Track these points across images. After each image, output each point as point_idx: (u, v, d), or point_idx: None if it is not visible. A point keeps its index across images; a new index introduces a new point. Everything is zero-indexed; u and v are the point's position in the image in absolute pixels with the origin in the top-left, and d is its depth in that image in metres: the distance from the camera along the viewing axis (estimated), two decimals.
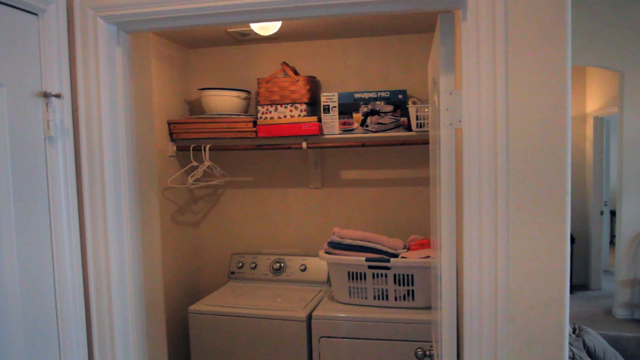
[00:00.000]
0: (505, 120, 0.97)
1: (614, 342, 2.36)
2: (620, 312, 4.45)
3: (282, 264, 2.71)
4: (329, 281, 2.61)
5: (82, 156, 1.09)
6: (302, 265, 2.68)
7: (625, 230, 4.45)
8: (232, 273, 2.77)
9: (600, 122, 5.26)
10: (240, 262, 2.77)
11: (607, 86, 4.86)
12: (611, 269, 5.91)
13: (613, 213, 6.90)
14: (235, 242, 2.92)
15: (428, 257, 2.20)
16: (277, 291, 2.60)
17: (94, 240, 1.11)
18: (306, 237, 2.83)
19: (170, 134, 2.66)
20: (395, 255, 2.26)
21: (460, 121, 1.05)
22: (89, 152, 1.08)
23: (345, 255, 2.30)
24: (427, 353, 1.73)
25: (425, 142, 2.45)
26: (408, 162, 2.68)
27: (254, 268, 2.74)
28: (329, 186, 2.79)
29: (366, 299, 2.30)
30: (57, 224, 1.06)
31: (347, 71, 2.71)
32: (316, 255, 2.68)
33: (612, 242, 7.06)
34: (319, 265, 2.67)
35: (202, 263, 2.96)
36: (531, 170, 0.95)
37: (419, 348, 1.73)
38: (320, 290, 2.59)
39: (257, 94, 2.63)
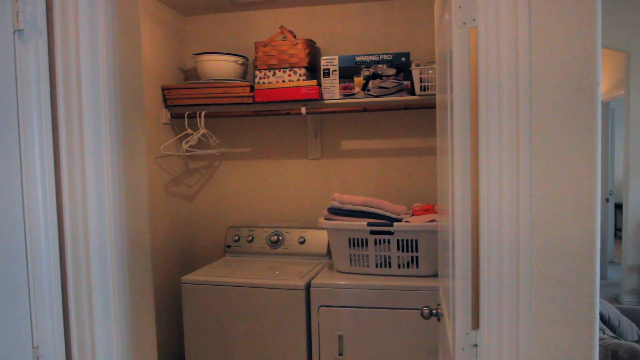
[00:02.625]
0: (528, 12, 0.87)
1: (626, 314, 2.25)
2: (627, 299, 4.34)
3: (280, 237, 2.60)
4: (328, 254, 2.50)
5: (56, 61, 0.97)
6: (301, 237, 2.58)
7: (632, 215, 4.35)
8: (228, 247, 2.66)
9: (606, 108, 5.17)
10: (236, 235, 2.66)
11: (613, 68, 4.77)
12: (616, 260, 5.80)
13: (618, 206, 6.79)
14: (232, 215, 2.81)
15: (433, 220, 2.10)
16: (275, 264, 2.48)
17: (69, 160, 1.00)
18: (305, 210, 2.72)
19: (164, 101, 2.56)
20: (399, 220, 2.15)
21: (474, 19, 0.95)
22: (64, 58, 0.97)
23: (345, 221, 2.20)
24: (434, 312, 1.62)
25: (429, 106, 2.36)
26: (411, 131, 2.58)
27: (251, 241, 2.63)
28: (329, 157, 2.69)
29: (368, 267, 2.19)
30: (27, 133, 0.95)
31: (347, 37, 2.61)
32: (315, 228, 2.58)
33: (616, 235, 6.94)
34: (318, 237, 2.56)
35: (196, 237, 2.85)
36: (556, 66, 0.84)
37: (424, 307, 1.62)
38: (319, 263, 2.48)
39: (255, 58, 2.53)
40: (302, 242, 2.57)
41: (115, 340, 0.99)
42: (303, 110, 2.45)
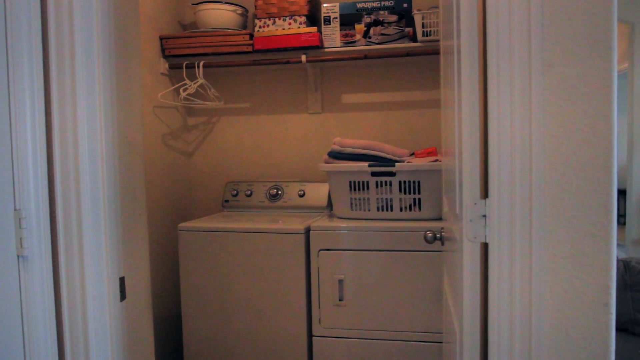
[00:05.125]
0: None
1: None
2: None
3: (280, 191, 2.55)
4: (329, 206, 2.45)
5: None
6: (301, 190, 2.52)
7: (637, 187, 4.30)
8: (226, 201, 2.61)
9: None
10: (235, 189, 2.61)
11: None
12: (620, 242, 5.74)
13: (621, 192, 6.73)
14: (231, 172, 2.76)
15: (436, 160, 2.05)
16: (274, 217, 2.43)
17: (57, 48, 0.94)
18: (305, 165, 2.67)
19: (163, 50, 2.52)
20: (401, 162, 2.10)
21: None
22: None
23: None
24: (438, 235, 1.57)
25: (432, 52, 2.31)
26: (413, 83, 2.53)
27: (250, 195, 2.58)
28: (330, 111, 2.64)
29: (369, 210, 2.14)
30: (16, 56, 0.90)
31: None
32: (315, 181, 2.54)
33: (619, 222, 6.88)
34: (318, 189, 2.51)
35: (193, 193, 2.80)
36: None
37: (428, 231, 1.57)
38: (320, 215, 2.42)
39: (255, 7, 2.49)
40: (301, 195, 2.52)
41: (103, 206, 0.94)
42: (303, 58, 2.41)
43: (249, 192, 2.58)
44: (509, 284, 0.92)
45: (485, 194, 0.94)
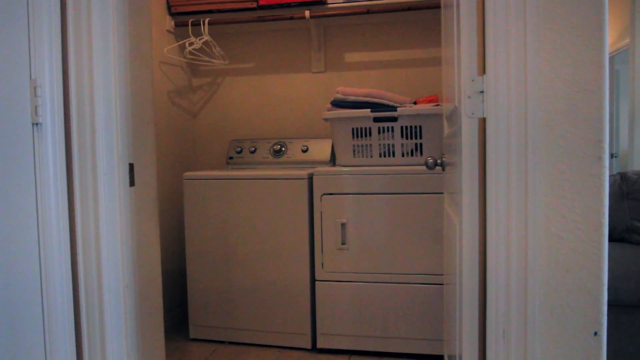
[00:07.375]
0: None
1: None
2: None
3: (283, 147, 2.58)
4: (332, 161, 2.49)
5: None
6: (304, 146, 2.56)
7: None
8: (230, 158, 2.65)
9: (610, 63, 5.14)
10: (239, 147, 2.64)
11: (615, 18, 4.74)
12: None
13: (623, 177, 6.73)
14: (235, 131, 2.80)
15: (437, 105, 2.08)
16: (278, 171, 2.46)
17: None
18: (308, 123, 2.71)
19: (169, 8, 2.57)
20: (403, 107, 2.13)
21: None
22: None
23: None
24: (439, 161, 1.60)
25: (433, 6, 2.34)
26: (414, 40, 2.57)
27: (254, 152, 2.61)
28: (333, 70, 2.68)
29: (371, 157, 2.17)
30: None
31: None
32: (319, 137, 2.57)
33: None
34: (321, 145, 2.54)
35: (199, 152, 2.84)
36: None
37: (429, 157, 1.60)
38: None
39: None
40: (305, 151, 2.55)
41: (114, 86, 0.97)
42: (307, 13, 2.45)
43: (253, 148, 2.62)
44: (506, 155, 0.95)
45: (482, 70, 0.98)
